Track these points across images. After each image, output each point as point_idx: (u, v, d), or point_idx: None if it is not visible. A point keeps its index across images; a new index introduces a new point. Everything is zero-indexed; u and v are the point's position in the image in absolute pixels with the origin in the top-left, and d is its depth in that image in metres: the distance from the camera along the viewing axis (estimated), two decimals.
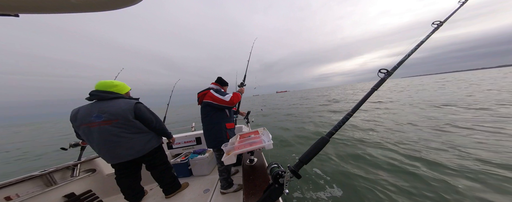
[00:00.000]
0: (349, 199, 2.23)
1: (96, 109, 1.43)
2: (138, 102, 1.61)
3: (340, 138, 4.50)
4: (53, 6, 0.45)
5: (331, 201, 2.24)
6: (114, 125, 1.44)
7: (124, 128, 1.48)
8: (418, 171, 2.61)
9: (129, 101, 1.55)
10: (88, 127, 1.41)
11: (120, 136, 1.46)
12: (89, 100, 1.50)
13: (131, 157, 1.54)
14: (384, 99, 11.93)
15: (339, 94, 26.75)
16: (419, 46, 0.96)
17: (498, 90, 10.32)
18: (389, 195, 2.20)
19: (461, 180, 2.33)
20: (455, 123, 4.78)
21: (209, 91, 1.78)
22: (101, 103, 1.46)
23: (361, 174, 2.71)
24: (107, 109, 1.43)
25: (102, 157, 1.52)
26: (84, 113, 1.42)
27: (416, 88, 18.68)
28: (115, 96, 1.54)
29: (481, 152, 2.99)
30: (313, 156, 0.69)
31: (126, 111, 1.48)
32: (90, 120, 1.40)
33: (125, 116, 1.47)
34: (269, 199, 0.72)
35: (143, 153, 1.60)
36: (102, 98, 1.49)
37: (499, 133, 3.73)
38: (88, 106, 1.46)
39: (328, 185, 2.54)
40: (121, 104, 1.49)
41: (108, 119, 1.42)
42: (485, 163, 2.66)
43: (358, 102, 0.81)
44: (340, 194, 2.33)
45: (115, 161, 1.54)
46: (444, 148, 3.32)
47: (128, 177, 1.69)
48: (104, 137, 1.42)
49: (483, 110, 5.93)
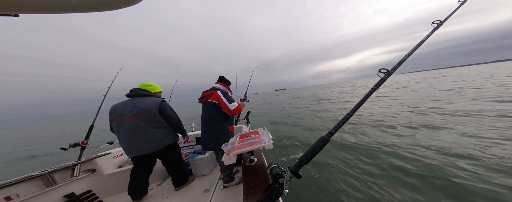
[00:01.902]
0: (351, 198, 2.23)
1: (130, 104, 1.67)
2: (163, 100, 1.86)
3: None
4: (53, 6, 0.45)
5: (331, 201, 2.24)
6: (141, 119, 1.66)
7: (149, 122, 1.69)
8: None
9: (157, 99, 1.81)
10: (121, 120, 1.64)
11: (144, 130, 1.66)
12: (127, 96, 1.76)
13: (148, 151, 1.70)
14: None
15: (333, 92, 26.88)
16: (419, 45, 0.96)
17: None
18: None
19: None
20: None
21: (216, 92, 1.79)
22: (135, 99, 1.73)
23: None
24: (139, 105, 1.67)
25: (124, 149, 1.70)
26: (120, 107, 1.67)
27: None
28: (147, 94, 1.80)
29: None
30: (313, 156, 0.69)
31: (152, 106, 1.71)
32: (123, 113, 1.64)
33: (151, 111, 1.69)
34: (269, 199, 0.72)
35: (159, 148, 1.75)
36: (137, 94, 1.76)
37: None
38: (125, 101, 1.72)
39: (329, 185, 2.55)
40: (150, 100, 1.74)
41: (138, 113, 1.65)
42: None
43: (358, 102, 0.81)
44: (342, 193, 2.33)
45: (135, 153, 1.69)
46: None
47: (142, 172, 1.83)
48: (131, 129, 1.63)
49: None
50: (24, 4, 0.43)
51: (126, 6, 0.52)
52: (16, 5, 0.43)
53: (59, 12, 0.47)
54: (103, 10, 0.51)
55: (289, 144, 4.77)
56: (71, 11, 0.48)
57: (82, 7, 0.47)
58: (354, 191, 2.34)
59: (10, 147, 12.18)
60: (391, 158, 3.14)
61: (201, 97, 1.86)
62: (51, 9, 0.45)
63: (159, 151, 1.77)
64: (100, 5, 0.48)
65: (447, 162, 2.77)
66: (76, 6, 0.46)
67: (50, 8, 0.45)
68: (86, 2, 0.46)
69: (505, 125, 3.97)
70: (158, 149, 1.74)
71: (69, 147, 1.95)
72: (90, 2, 0.46)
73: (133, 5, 0.53)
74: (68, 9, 0.46)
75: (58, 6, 0.45)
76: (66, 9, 0.46)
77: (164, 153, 1.85)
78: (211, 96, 1.78)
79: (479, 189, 2.11)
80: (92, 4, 0.47)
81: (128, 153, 1.70)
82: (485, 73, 26.19)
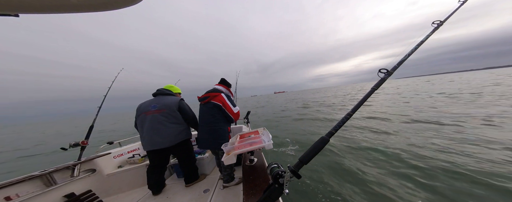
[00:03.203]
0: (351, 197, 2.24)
1: (155, 101, 1.92)
2: (182, 99, 2.11)
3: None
4: (53, 6, 0.45)
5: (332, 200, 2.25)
6: (162, 114, 1.85)
7: (168, 117, 1.87)
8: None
9: (177, 97, 2.08)
10: (145, 115, 1.85)
11: (163, 124, 1.83)
12: (154, 95, 2.02)
13: (163, 145, 1.83)
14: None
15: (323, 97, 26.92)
16: (419, 45, 0.95)
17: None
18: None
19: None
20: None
21: (221, 94, 1.84)
22: (159, 97, 1.98)
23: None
24: (162, 101, 1.91)
25: (143, 144, 1.85)
26: (146, 104, 1.91)
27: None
28: (169, 93, 2.07)
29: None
30: (313, 156, 0.69)
31: (173, 103, 1.93)
32: (148, 109, 1.86)
33: (171, 107, 1.90)
34: (269, 199, 0.72)
35: (174, 143, 1.88)
36: (161, 93, 2.03)
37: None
38: (150, 99, 1.97)
39: (328, 185, 2.56)
40: (171, 98, 1.98)
41: (160, 109, 1.86)
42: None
43: (358, 102, 0.80)
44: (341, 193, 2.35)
45: (152, 147, 1.83)
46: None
47: (157, 167, 1.97)
48: (152, 123, 1.81)
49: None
50: (24, 4, 0.43)
51: (126, 6, 0.52)
52: (16, 5, 0.43)
53: (59, 12, 0.47)
54: (103, 10, 0.51)
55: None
56: (71, 11, 0.48)
57: (82, 7, 0.47)
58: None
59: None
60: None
61: (204, 97, 1.87)
62: (51, 9, 0.45)
63: (173, 147, 1.90)
64: (100, 5, 0.48)
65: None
66: (76, 6, 0.46)
67: (50, 8, 0.45)
68: (86, 2, 0.46)
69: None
70: (173, 144, 1.87)
71: (69, 147, 1.95)
72: (90, 2, 0.46)
73: (133, 5, 0.53)
74: (68, 9, 0.46)
75: (58, 6, 0.45)
76: (66, 9, 0.46)
77: (178, 149, 1.98)
78: (215, 98, 1.81)
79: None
80: (92, 4, 0.47)
81: (146, 147, 1.84)
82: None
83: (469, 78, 30.20)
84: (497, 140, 3.41)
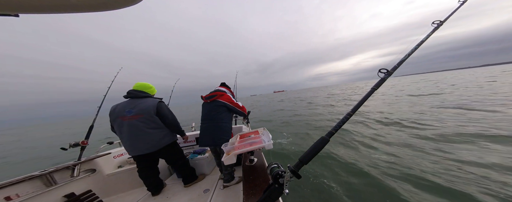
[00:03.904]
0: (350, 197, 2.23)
1: (130, 105, 1.71)
2: (161, 101, 1.89)
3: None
4: (53, 6, 0.44)
5: (331, 200, 2.24)
6: (140, 120, 1.68)
7: (147, 123, 1.71)
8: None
9: (154, 99, 1.85)
10: (121, 120, 1.67)
11: (142, 130, 1.69)
12: (126, 98, 1.79)
13: (147, 151, 1.73)
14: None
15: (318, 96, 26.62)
16: (419, 45, 0.95)
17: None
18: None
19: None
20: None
21: (226, 93, 1.94)
22: (135, 100, 1.76)
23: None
24: (138, 106, 1.71)
25: (126, 149, 1.74)
26: (120, 108, 1.70)
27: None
28: (146, 95, 1.84)
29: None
30: (313, 156, 0.69)
31: (150, 107, 1.74)
32: (123, 114, 1.67)
33: (149, 112, 1.72)
34: (269, 199, 0.72)
35: (157, 148, 1.78)
36: (136, 96, 1.79)
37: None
38: (125, 102, 1.76)
39: (328, 185, 2.55)
40: (149, 102, 1.78)
41: (137, 114, 1.68)
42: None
43: (358, 102, 0.80)
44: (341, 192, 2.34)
45: (135, 153, 1.73)
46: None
47: (146, 170, 1.89)
48: (131, 130, 1.66)
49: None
50: (24, 4, 0.43)
51: (126, 6, 0.52)
52: (16, 5, 0.43)
53: (59, 12, 0.47)
54: (103, 10, 0.51)
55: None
56: (71, 11, 0.48)
57: (82, 7, 0.47)
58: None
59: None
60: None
61: (210, 95, 1.91)
62: (51, 9, 0.45)
63: (158, 151, 1.80)
64: (100, 5, 0.48)
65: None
66: (76, 6, 0.46)
67: (50, 8, 0.45)
68: (86, 2, 0.46)
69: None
70: (156, 149, 1.77)
71: (69, 147, 1.95)
72: (90, 2, 0.46)
73: (133, 5, 0.53)
74: (68, 9, 0.46)
75: (58, 6, 0.45)
76: (66, 9, 0.46)
77: (164, 153, 1.89)
78: (221, 97, 1.88)
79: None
80: (92, 4, 0.47)
81: (130, 153, 1.76)
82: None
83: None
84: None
